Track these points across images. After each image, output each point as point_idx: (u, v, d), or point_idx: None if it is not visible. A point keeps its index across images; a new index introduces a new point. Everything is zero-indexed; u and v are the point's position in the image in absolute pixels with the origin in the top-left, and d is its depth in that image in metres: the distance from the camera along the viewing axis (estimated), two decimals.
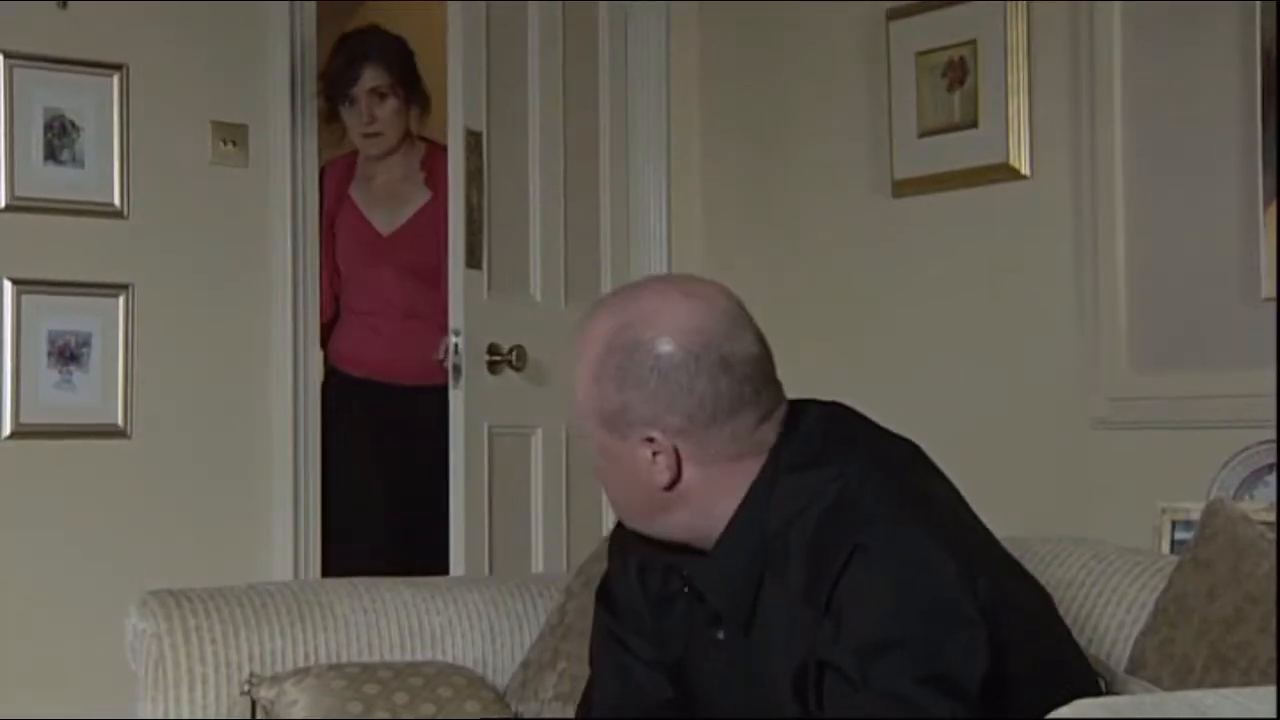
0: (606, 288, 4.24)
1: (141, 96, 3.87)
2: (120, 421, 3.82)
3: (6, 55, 3.74)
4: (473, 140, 3.71)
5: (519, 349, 3.81)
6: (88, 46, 3.81)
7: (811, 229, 4.15)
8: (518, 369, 3.81)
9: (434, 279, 3.89)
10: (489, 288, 3.82)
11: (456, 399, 3.67)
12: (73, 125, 3.81)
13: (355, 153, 4.08)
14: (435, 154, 3.97)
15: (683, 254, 4.37)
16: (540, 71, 4.01)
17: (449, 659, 2.74)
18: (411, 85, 4.00)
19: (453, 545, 3.66)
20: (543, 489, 3.92)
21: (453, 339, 3.68)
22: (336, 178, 4.06)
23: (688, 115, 4.40)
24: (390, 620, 2.74)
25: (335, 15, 7.06)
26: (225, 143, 3.98)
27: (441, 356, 3.84)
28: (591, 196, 4.20)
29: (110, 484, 3.74)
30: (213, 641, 2.61)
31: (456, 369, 3.66)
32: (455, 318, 3.70)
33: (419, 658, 2.72)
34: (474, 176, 3.72)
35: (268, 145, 4.00)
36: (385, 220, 4.01)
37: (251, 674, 2.60)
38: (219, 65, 3.97)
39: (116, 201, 3.86)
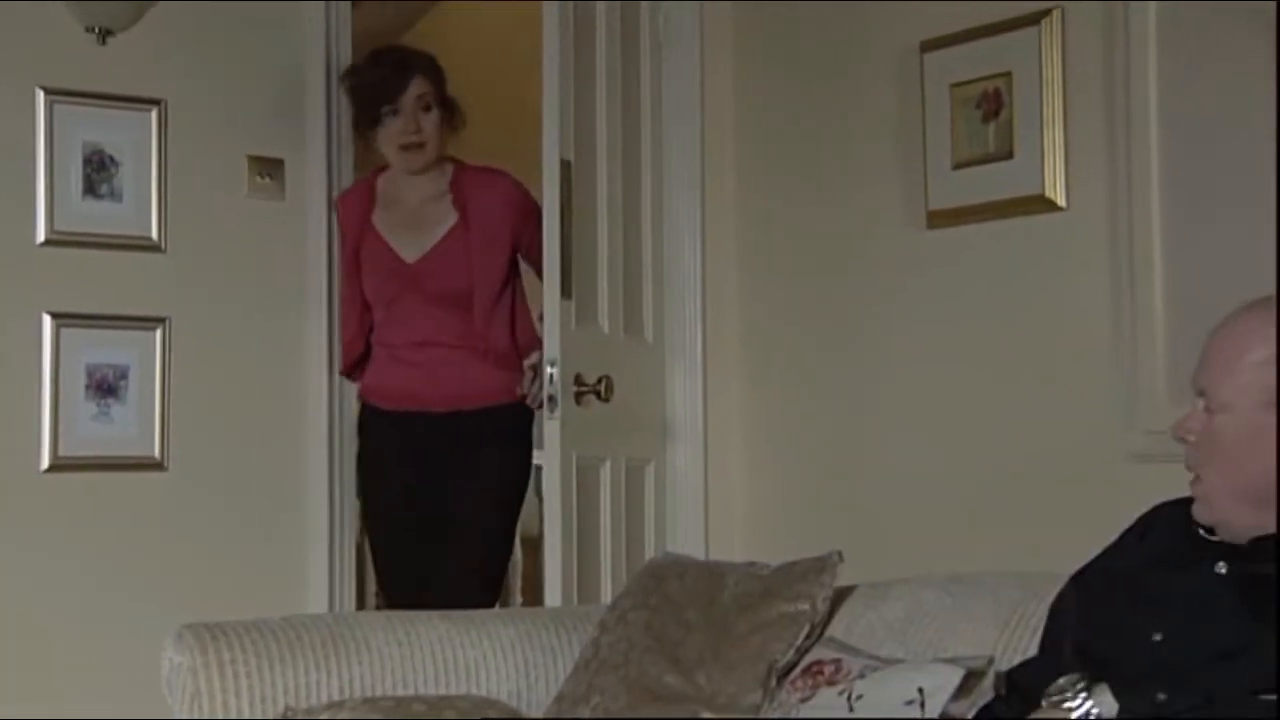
0: (648, 321, 4.23)
1: (179, 131, 3.90)
2: (157, 454, 3.83)
3: (47, 91, 3.78)
4: (564, 169, 3.71)
5: (607, 379, 3.79)
6: (126, 82, 3.85)
7: (846, 260, 4.14)
8: (605, 399, 3.79)
9: (464, 305, 3.80)
10: (576, 319, 3.79)
11: (552, 430, 3.64)
12: (111, 160, 3.84)
13: (371, 179, 3.90)
14: (462, 174, 3.87)
15: (716, 286, 4.36)
16: (607, 105, 4.00)
17: (483, 692, 2.74)
18: (448, 102, 3.87)
19: (548, 577, 3.64)
20: (610, 520, 3.91)
21: (548, 369, 3.67)
22: (355, 207, 3.88)
23: (722, 148, 4.39)
24: (425, 653, 2.75)
25: (375, 46, 7.12)
26: (261, 176, 4.00)
27: (526, 390, 3.83)
28: (635, 229, 4.20)
29: (147, 516, 3.75)
30: (248, 675, 2.62)
31: (552, 399, 3.64)
32: (551, 348, 3.67)
33: (453, 691, 2.73)
34: (565, 206, 3.72)
35: (303, 179, 4.03)
36: (411, 247, 3.82)
37: (286, 707, 2.61)
38: (255, 100, 4.00)
39: (154, 235, 3.89)
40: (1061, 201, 3.65)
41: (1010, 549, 3.52)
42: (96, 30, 3.82)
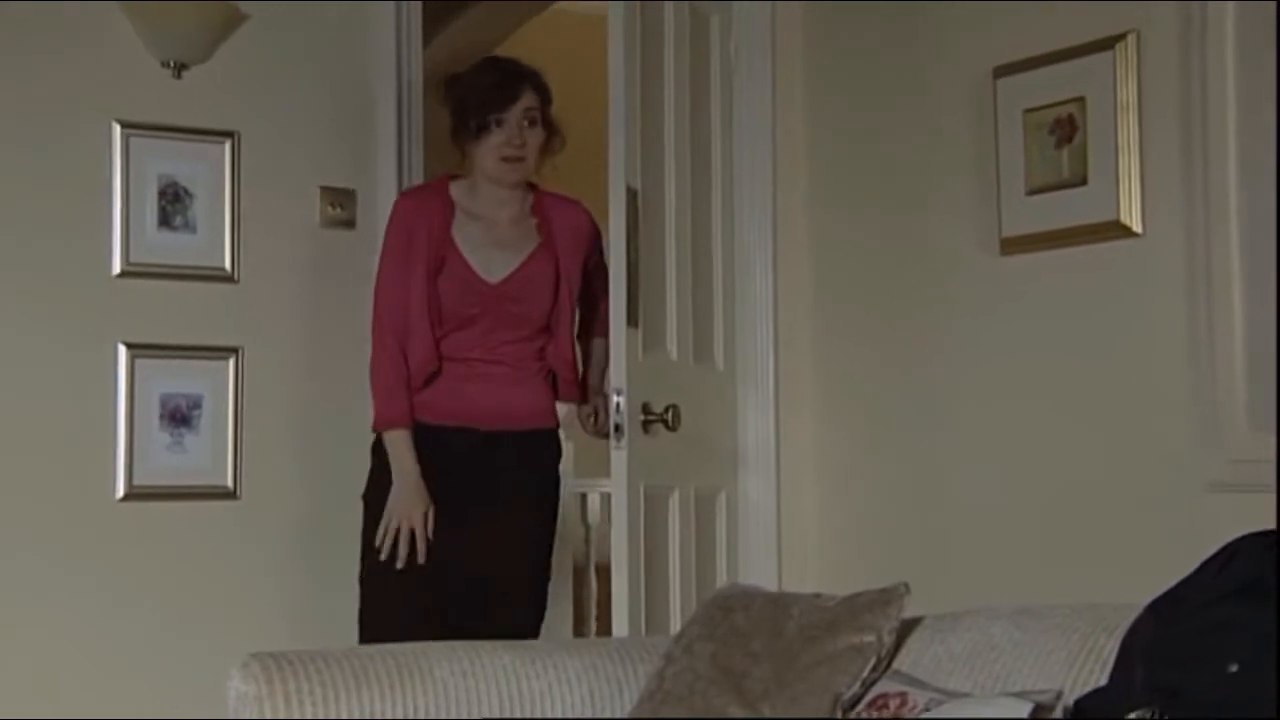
0: (719, 349, 4.22)
1: (252, 162, 3.93)
2: (229, 483, 3.86)
3: (123, 125, 3.83)
4: (630, 197, 3.71)
5: (674, 409, 3.78)
6: (200, 115, 3.89)
7: (919, 288, 4.11)
8: (673, 429, 3.77)
9: (538, 330, 3.71)
10: (642, 347, 3.78)
11: (619, 459, 3.64)
12: (185, 192, 3.89)
13: (443, 187, 3.72)
14: (543, 198, 3.77)
15: (789, 315, 4.34)
16: (675, 132, 4.00)
17: None
18: (550, 122, 3.73)
19: (615, 607, 3.63)
20: (679, 549, 3.89)
21: (615, 398, 3.66)
22: (432, 214, 3.67)
23: (794, 174, 4.38)
24: (489, 684, 2.73)
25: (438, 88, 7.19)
26: (333, 207, 4.03)
27: (590, 415, 3.80)
28: (705, 257, 4.19)
29: (218, 545, 3.78)
30: (313, 705, 2.62)
31: (618, 428, 3.63)
32: (618, 377, 3.66)
33: None
34: (631, 234, 3.71)
35: (375, 209, 4.05)
36: (493, 266, 3.67)
37: None
38: (327, 131, 4.04)
39: (227, 266, 3.93)
40: (1137, 227, 3.60)
41: (1085, 581, 3.47)
42: (172, 64, 3.87)
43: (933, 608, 2.77)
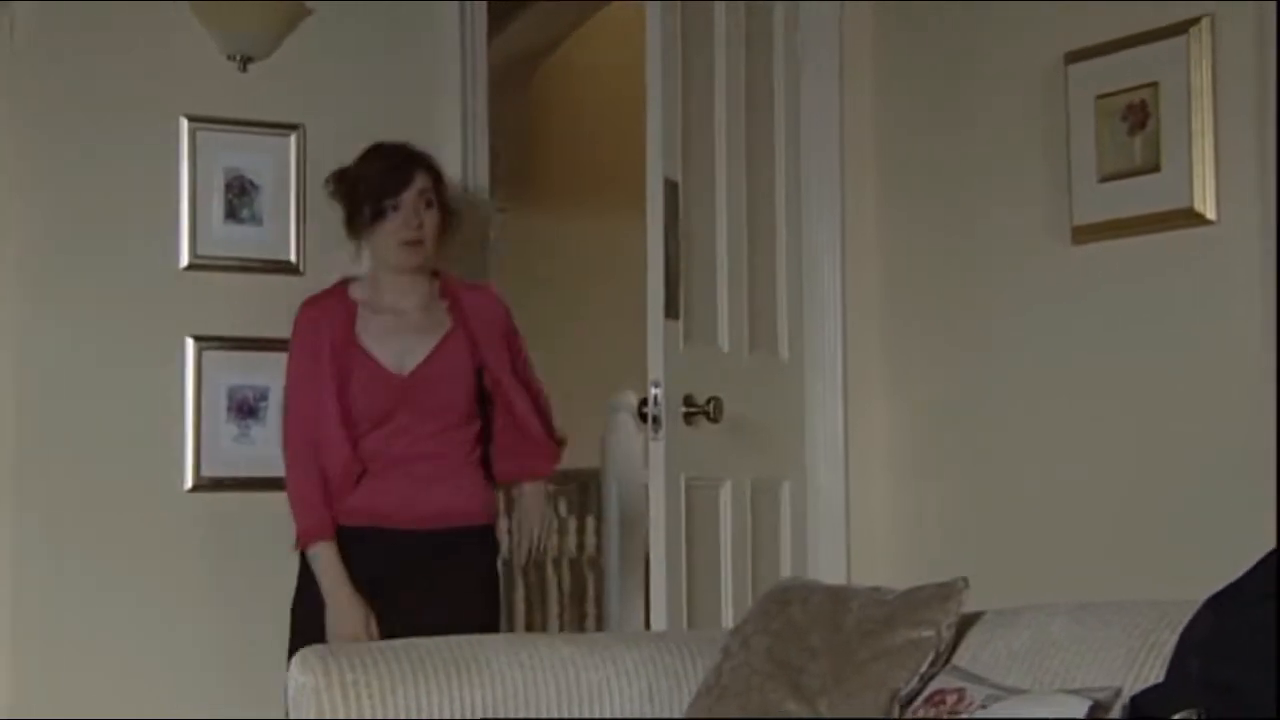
0: (783, 341, 4.20)
1: (317, 154, 3.94)
2: None
3: (190, 119, 3.86)
4: (670, 190, 3.69)
5: (716, 400, 3.75)
6: (266, 108, 3.91)
7: (989, 277, 4.07)
8: (715, 420, 3.75)
9: (463, 418, 3.56)
10: (684, 339, 3.76)
11: (656, 451, 3.62)
12: (251, 184, 3.91)
13: (342, 290, 3.61)
14: (451, 281, 3.66)
15: (858, 304, 4.31)
16: (728, 121, 3.97)
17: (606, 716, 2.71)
18: (445, 204, 3.63)
19: (653, 601, 3.62)
20: (732, 542, 3.87)
21: (652, 390, 3.64)
22: (334, 320, 3.55)
23: (863, 163, 4.34)
24: (547, 677, 2.73)
25: (508, 77, 7.22)
26: None
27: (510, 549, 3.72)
28: (769, 248, 4.17)
29: (286, 537, 3.78)
30: (369, 697, 2.63)
31: (655, 420, 3.62)
32: (654, 369, 3.64)
33: (575, 715, 2.70)
34: (671, 227, 3.69)
35: None
36: (403, 358, 3.54)
37: None
38: (392, 123, 4.02)
39: (293, 258, 3.95)
40: (1211, 215, 3.54)
41: (1157, 574, 3.42)
42: (238, 58, 3.89)
43: (998, 601, 2.74)
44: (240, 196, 3.90)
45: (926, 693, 2.43)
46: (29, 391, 3.77)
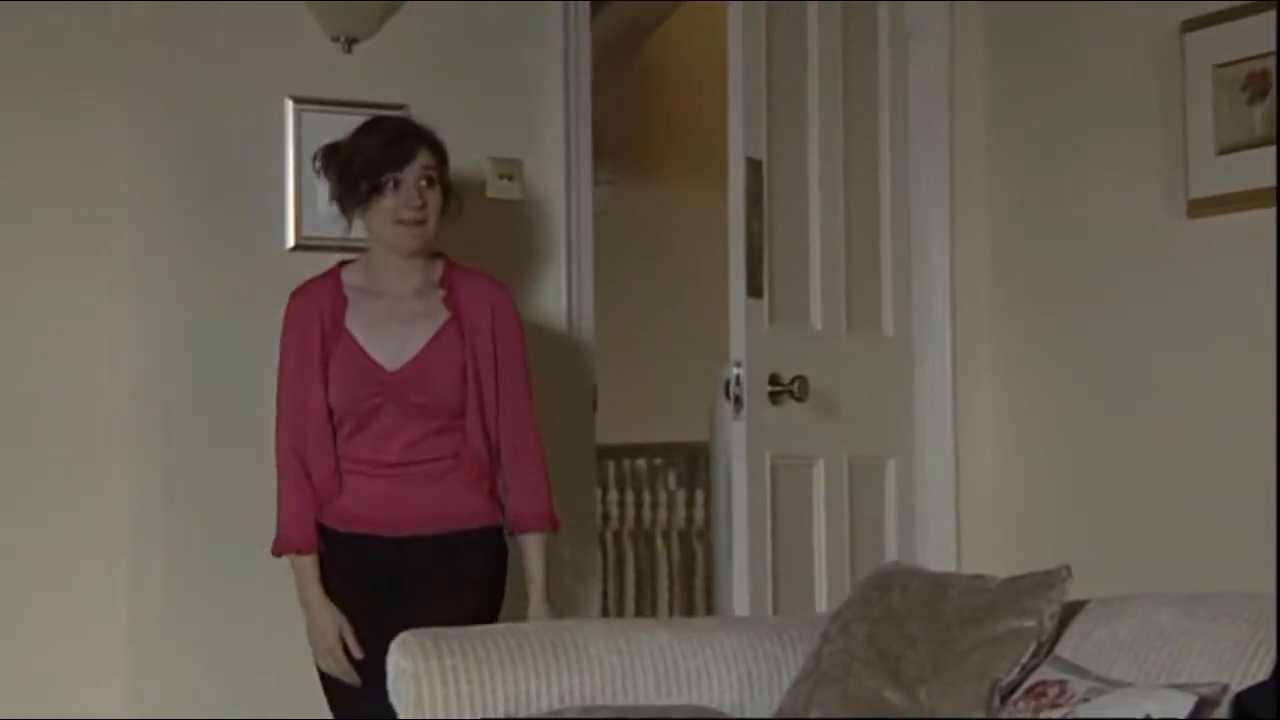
0: (888, 318, 4.16)
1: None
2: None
3: (295, 100, 3.87)
4: (753, 168, 3.65)
5: (801, 379, 3.72)
6: (370, 89, 3.91)
7: (1103, 253, 3.99)
8: (800, 399, 3.72)
9: (450, 418, 3.28)
10: (770, 317, 3.74)
11: (738, 430, 3.61)
12: None
13: (334, 274, 3.38)
14: (454, 269, 3.39)
15: (967, 281, 4.25)
16: (821, 97, 3.94)
17: (704, 703, 2.71)
18: (448, 186, 3.36)
19: (735, 582, 3.61)
20: (825, 523, 3.84)
21: (734, 370, 3.62)
22: (323, 306, 3.32)
23: (972, 136, 4.27)
24: (645, 662, 2.72)
25: (617, 47, 7.19)
26: (502, 178, 4.04)
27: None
28: (872, 223, 4.12)
29: None
30: (468, 681, 2.64)
31: (738, 400, 3.60)
32: (736, 348, 3.62)
33: (674, 701, 2.70)
34: (754, 205, 3.66)
35: (543, 179, 4.05)
36: (391, 352, 3.27)
37: (507, 715, 2.61)
38: (495, 103, 4.03)
39: None
40: None
41: (1269, 569, 3.33)
42: (342, 39, 3.90)
43: (1110, 588, 2.69)
44: None
45: (1028, 684, 2.39)
46: (141, 381, 3.80)
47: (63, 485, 3.80)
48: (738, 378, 3.59)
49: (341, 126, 3.85)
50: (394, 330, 3.30)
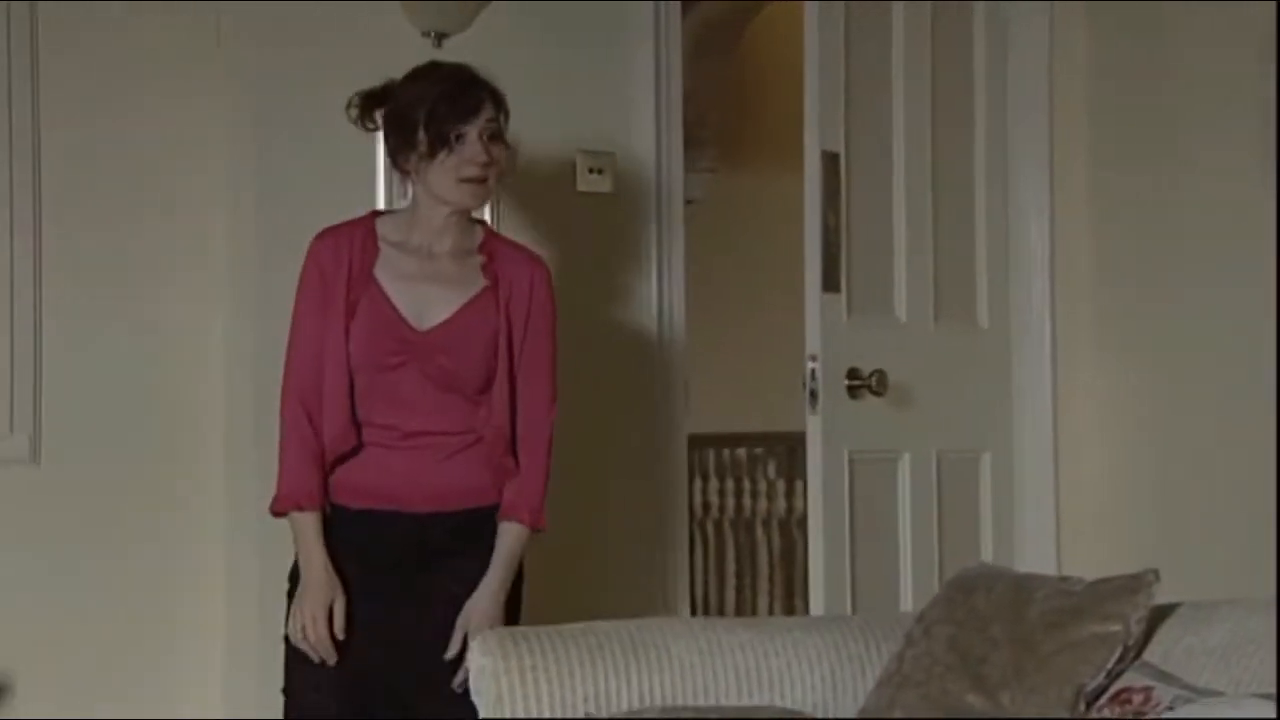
0: (983, 309, 4.12)
1: (511, 128, 3.92)
2: None
3: None
4: (830, 161, 3.62)
5: (879, 373, 3.70)
6: None
7: (1209, 243, 3.93)
8: (878, 393, 3.69)
9: (477, 391, 3.04)
10: (848, 310, 3.72)
11: (814, 425, 3.60)
12: None
13: (369, 221, 3.14)
14: (496, 238, 3.18)
15: (1068, 274, 4.18)
16: (906, 88, 3.90)
17: (787, 704, 2.68)
18: (506, 143, 3.14)
19: (812, 579, 3.58)
20: (911, 518, 3.80)
21: (809, 364, 3.59)
22: (352, 250, 3.07)
23: (1073, 123, 4.20)
24: (727, 662, 2.70)
25: (718, 36, 7.15)
26: (592, 171, 4.03)
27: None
28: (966, 214, 4.07)
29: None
30: (548, 681, 2.63)
31: (813, 394, 3.58)
32: (812, 342, 3.61)
33: (756, 702, 2.67)
34: (831, 198, 3.63)
35: (634, 171, 4.04)
36: (424, 309, 3.03)
37: (587, 715, 2.61)
38: (586, 96, 4.03)
39: None
40: None
41: None
42: (432, 35, 3.90)
43: (1213, 591, 2.63)
44: None
45: (1113, 690, 2.34)
46: (238, 390, 3.82)
47: (161, 482, 3.84)
48: (813, 372, 3.57)
49: None
50: (426, 289, 3.04)
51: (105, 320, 3.85)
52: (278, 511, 3.06)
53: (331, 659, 2.99)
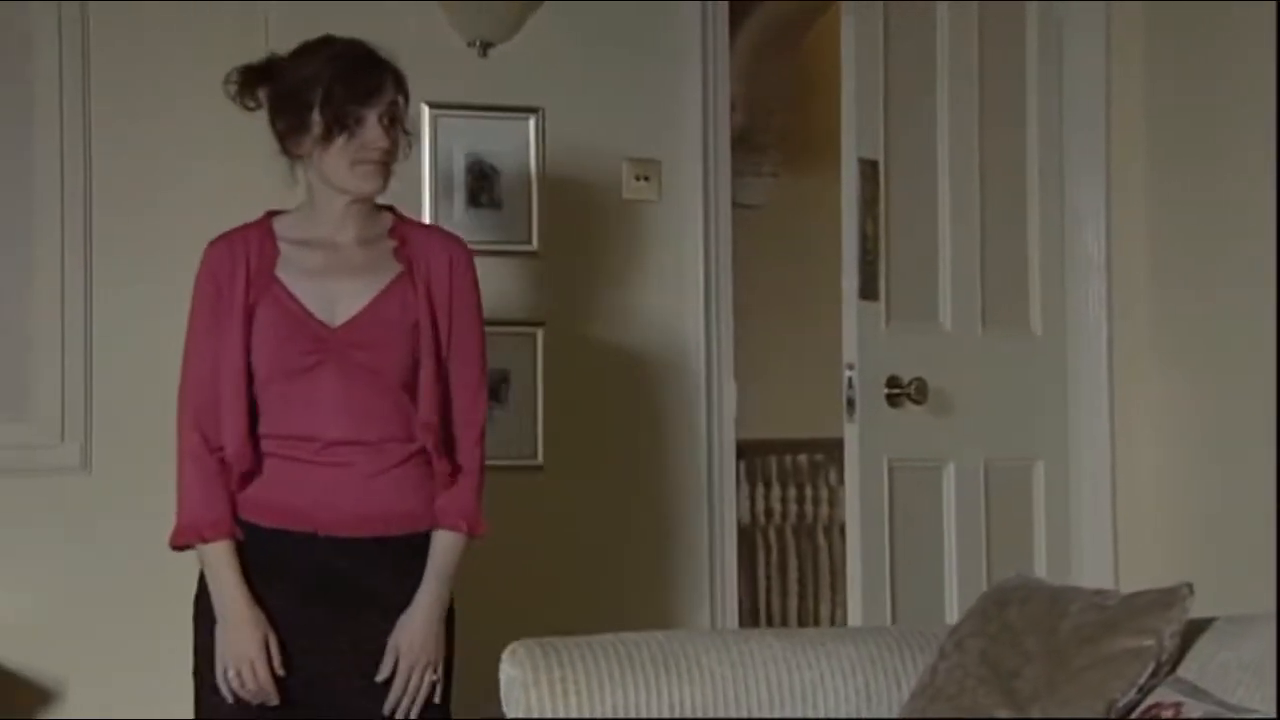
0: (1036, 315, 4.07)
1: (557, 137, 3.95)
2: (539, 457, 3.90)
3: (431, 106, 3.89)
4: (868, 169, 3.60)
5: (919, 381, 3.66)
6: (505, 92, 3.93)
7: (1269, 247, 3.82)
8: (918, 401, 3.66)
9: (401, 388, 2.79)
10: (887, 319, 3.69)
11: (851, 433, 3.57)
12: (492, 169, 3.93)
13: (264, 222, 2.89)
14: (405, 222, 2.95)
15: (1125, 279, 4.12)
16: (951, 90, 3.87)
17: (820, 716, 2.65)
18: (404, 127, 2.89)
19: (850, 590, 3.55)
20: (956, 528, 3.76)
21: (846, 372, 3.56)
22: (249, 257, 2.82)
23: (1130, 125, 4.14)
24: (759, 674, 2.68)
25: (780, 39, 7.11)
26: (639, 179, 4.02)
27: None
28: (1017, 219, 4.02)
29: (525, 517, 3.82)
30: (578, 693, 2.62)
31: (850, 402, 3.55)
32: (849, 350, 3.58)
33: (789, 715, 2.65)
34: (869, 206, 3.60)
35: (680, 180, 4.03)
36: (333, 302, 2.79)
37: None
38: (632, 104, 4.02)
39: (533, 241, 3.96)
40: None
41: None
42: (477, 43, 3.91)
43: (1267, 602, 2.57)
44: (480, 181, 3.92)
45: (1144, 705, 2.29)
46: None
47: None
48: (850, 380, 3.55)
49: (476, 129, 3.89)
50: (335, 282, 2.80)
51: (156, 327, 3.87)
52: (178, 545, 2.80)
53: (274, 700, 2.74)
